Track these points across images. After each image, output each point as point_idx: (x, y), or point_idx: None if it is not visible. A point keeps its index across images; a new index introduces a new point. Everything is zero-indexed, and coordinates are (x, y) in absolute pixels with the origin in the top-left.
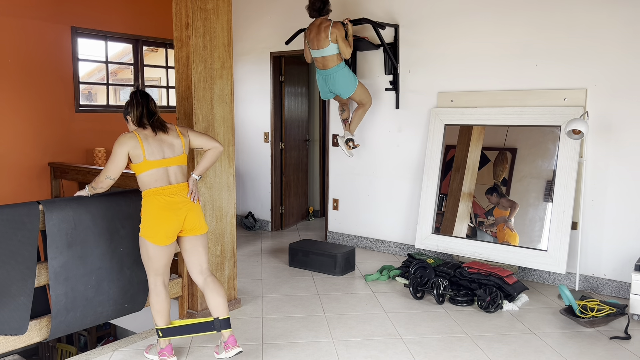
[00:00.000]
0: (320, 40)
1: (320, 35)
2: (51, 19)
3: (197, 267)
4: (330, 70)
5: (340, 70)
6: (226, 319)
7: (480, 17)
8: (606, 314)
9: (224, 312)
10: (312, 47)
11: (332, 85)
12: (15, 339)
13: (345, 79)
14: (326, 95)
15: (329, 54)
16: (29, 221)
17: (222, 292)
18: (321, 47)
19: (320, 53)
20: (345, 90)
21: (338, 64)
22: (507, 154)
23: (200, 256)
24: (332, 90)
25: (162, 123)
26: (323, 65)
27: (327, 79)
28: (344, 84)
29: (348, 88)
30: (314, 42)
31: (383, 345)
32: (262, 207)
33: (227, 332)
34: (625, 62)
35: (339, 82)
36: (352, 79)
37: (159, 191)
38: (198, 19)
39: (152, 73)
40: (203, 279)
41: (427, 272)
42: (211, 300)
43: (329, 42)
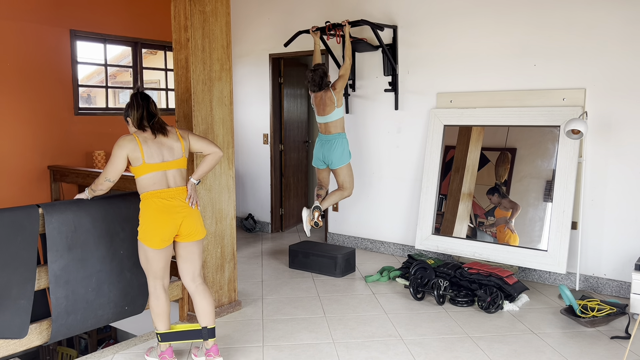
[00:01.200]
0: (325, 108)
1: (325, 104)
2: (50, 22)
3: (189, 274)
4: (331, 137)
5: (340, 139)
6: (212, 329)
7: (478, 17)
8: (607, 313)
9: (211, 321)
10: (317, 114)
11: (327, 151)
12: (15, 342)
13: (342, 148)
14: (317, 163)
15: (333, 119)
16: (28, 224)
17: (211, 300)
18: (327, 114)
19: (324, 119)
20: (337, 160)
21: (340, 132)
22: (507, 154)
23: (194, 263)
24: (325, 157)
25: (162, 125)
26: (325, 131)
27: (324, 144)
28: (340, 153)
29: (341, 159)
30: (319, 109)
31: (384, 347)
32: (262, 208)
33: (212, 341)
34: (624, 61)
35: (336, 150)
36: (347, 151)
37: (156, 194)
38: (197, 21)
39: (151, 75)
40: (195, 286)
41: (428, 273)
42: (199, 308)
43: (335, 108)
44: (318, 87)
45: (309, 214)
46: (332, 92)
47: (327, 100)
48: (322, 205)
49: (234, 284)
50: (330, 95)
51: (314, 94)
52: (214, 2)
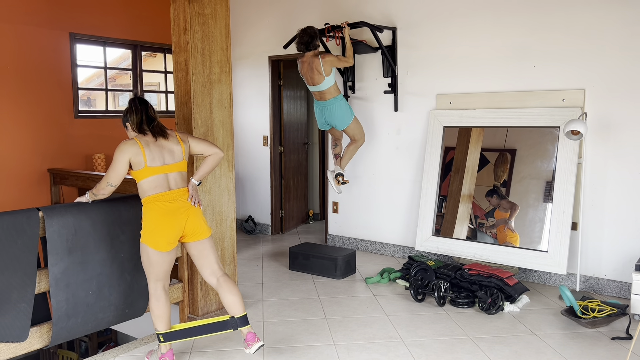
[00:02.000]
0: (313, 78)
1: (313, 73)
2: (49, 26)
3: (208, 269)
4: (328, 102)
5: (337, 102)
6: (243, 317)
7: (478, 18)
8: (607, 314)
9: (240, 310)
10: (307, 83)
11: (328, 116)
12: (16, 345)
13: (342, 111)
14: (323, 126)
15: (324, 88)
16: (29, 228)
17: (236, 290)
18: (316, 83)
19: (316, 88)
20: (341, 122)
21: (335, 96)
22: (507, 155)
23: (209, 259)
24: (328, 121)
25: (162, 129)
26: (320, 97)
27: (323, 110)
28: (340, 115)
29: (344, 120)
30: (308, 79)
31: (384, 348)
32: (262, 210)
33: (246, 329)
34: (623, 62)
35: (336, 113)
36: (348, 111)
37: (158, 197)
38: (196, 24)
39: (150, 78)
40: (216, 280)
41: (428, 275)
42: (226, 300)
43: (324, 77)
44: (305, 47)
45: (333, 178)
46: (320, 61)
47: (315, 70)
48: (342, 163)
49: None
50: (317, 64)
51: (301, 60)
52: (213, 4)
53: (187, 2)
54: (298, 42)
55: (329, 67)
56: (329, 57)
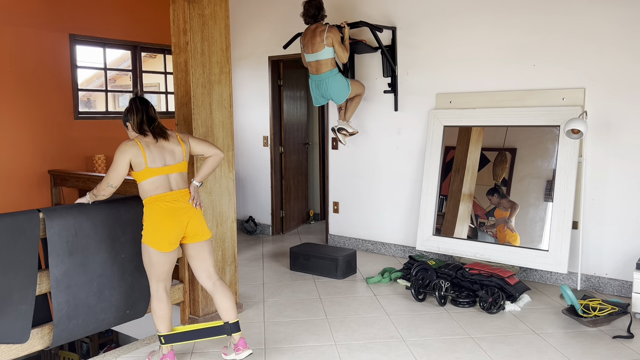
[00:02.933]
0: (315, 44)
1: (315, 39)
2: (49, 27)
3: (204, 272)
4: (323, 75)
5: (332, 76)
6: (236, 323)
7: (477, 18)
8: (608, 313)
9: (233, 316)
10: (306, 51)
11: (324, 91)
12: (17, 347)
13: (338, 84)
14: (318, 102)
15: (323, 57)
16: (29, 229)
17: (231, 295)
18: (315, 51)
19: (314, 57)
20: (338, 96)
21: (331, 69)
22: (507, 154)
23: (206, 262)
24: (325, 95)
25: (162, 129)
26: (316, 70)
27: (319, 84)
28: (337, 90)
29: (341, 94)
30: (309, 46)
31: (386, 348)
32: (263, 211)
33: (238, 335)
34: (623, 61)
35: (332, 88)
36: (344, 84)
37: (160, 198)
38: (196, 25)
39: (150, 79)
40: (212, 284)
41: (429, 274)
42: (220, 305)
43: (324, 46)
44: (313, 19)
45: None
46: (326, 29)
47: (317, 38)
48: (346, 116)
49: (235, 286)
50: (321, 32)
51: (304, 34)
52: (213, 5)
53: (187, 2)
54: (305, 15)
55: (330, 40)
56: (335, 33)
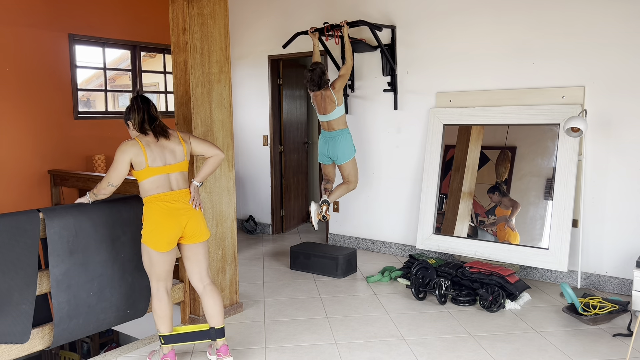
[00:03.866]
0: (326, 107)
1: (326, 103)
2: (48, 27)
3: (197, 274)
4: (335, 133)
5: (344, 134)
6: (221, 329)
7: (477, 16)
8: (609, 311)
9: (219, 321)
10: (318, 112)
11: (332, 147)
12: (17, 347)
13: (346, 144)
14: (322, 159)
15: (335, 117)
16: (29, 229)
17: (220, 300)
18: (327, 112)
19: (326, 118)
20: (342, 155)
21: (343, 128)
22: (508, 152)
23: (200, 264)
24: (331, 153)
25: (163, 129)
26: (328, 127)
27: (328, 141)
28: (344, 148)
29: (345, 154)
30: (320, 108)
31: (386, 347)
32: (263, 210)
33: (221, 341)
34: (623, 59)
35: (340, 145)
36: (352, 147)
37: (160, 197)
38: (195, 24)
39: (150, 78)
40: (202, 287)
41: (429, 273)
42: (208, 309)
43: (336, 106)
44: (317, 87)
45: (317, 207)
46: (332, 91)
47: (327, 99)
48: (330, 198)
49: (236, 286)
50: (329, 94)
51: (313, 93)
52: (212, 4)
53: (186, 2)
54: (309, 84)
55: (339, 92)
56: (337, 83)
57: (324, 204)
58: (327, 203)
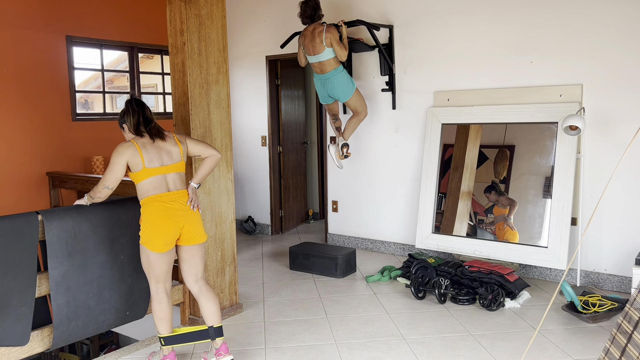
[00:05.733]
0: (315, 46)
1: (315, 41)
2: (45, 29)
3: (192, 276)
4: (329, 74)
5: (338, 74)
6: (220, 327)
7: (474, 15)
8: (608, 309)
9: (217, 320)
10: (307, 53)
11: (330, 89)
12: (17, 349)
13: (343, 82)
14: (325, 100)
15: (325, 58)
16: (28, 231)
17: (216, 300)
18: (317, 53)
19: (316, 58)
20: (343, 94)
21: (336, 67)
22: (506, 151)
23: (196, 266)
24: (331, 94)
25: (159, 130)
26: (321, 70)
27: (325, 83)
28: (342, 87)
29: (346, 92)
30: (309, 48)
31: (386, 347)
32: (262, 211)
33: (220, 340)
34: (620, 57)
35: (337, 85)
36: (349, 82)
37: (157, 198)
38: (192, 25)
39: (148, 80)
40: (198, 288)
41: (428, 272)
42: (205, 309)
43: (324, 47)
44: (310, 19)
45: (336, 149)
46: (324, 30)
47: (317, 39)
48: (345, 135)
49: (235, 286)
50: (320, 32)
51: (303, 35)
52: (210, 5)
53: (183, 3)
54: (302, 16)
55: (329, 40)
56: (333, 32)
57: (345, 146)
58: (347, 145)
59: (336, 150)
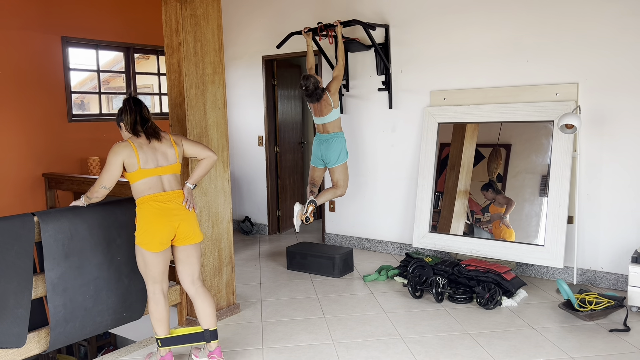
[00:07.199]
0: (322, 110)
1: (322, 106)
2: (41, 30)
3: (189, 277)
4: (329, 136)
5: (338, 137)
6: (215, 330)
7: (470, 14)
8: (605, 306)
9: (212, 323)
10: (314, 115)
11: (325, 150)
12: (14, 351)
13: (340, 147)
14: (316, 162)
15: (330, 120)
16: (24, 233)
17: (212, 302)
18: (324, 115)
19: (322, 120)
20: (335, 159)
21: (338, 131)
22: (501, 150)
23: (193, 266)
24: (324, 156)
25: (155, 130)
26: (323, 130)
27: (322, 143)
28: (337, 151)
29: (339, 157)
30: (317, 111)
31: (384, 346)
32: (259, 211)
33: (215, 343)
34: (616, 55)
35: (334, 148)
36: (345, 150)
37: (153, 198)
38: (188, 25)
39: (144, 80)
40: (194, 289)
41: (426, 271)
42: (201, 311)
43: (332, 109)
44: (317, 99)
45: (301, 208)
46: (328, 95)
47: (324, 103)
48: (318, 200)
49: (232, 287)
50: (326, 98)
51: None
52: (205, 5)
53: (179, 3)
54: (309, 100)
55: (335, 96)
56: (332, 86)
57: (311, 204)
58: (314, 203)
59: (300, 209)
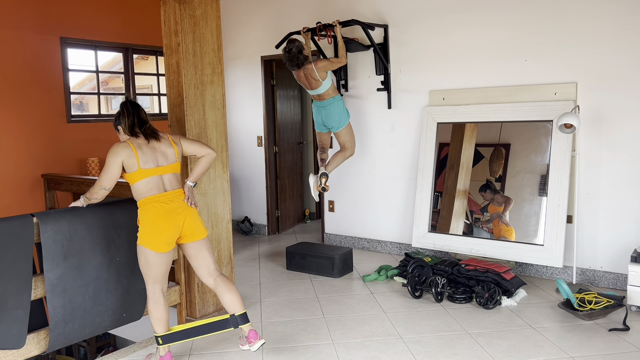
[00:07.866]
0: (311, 83)
1: (309, 80)
2: (39, 30)
3: (205, 269)
4: (326, 102)
5: (335, 102)
6: (244, 314)
7: (469, 14)
8: (604, 306)
9: (239, 308)
10: (305, 88)
11: (325, 117)
12: (13, 352)
13: (339, 111)
14: (319, 127)
15: (322, 91)
16: (23, 234)
17: (234, 288)
18: (314, 88)
19: (314, 92)
20: (337, 123)
21: (333, 96)
22: (501, 149)
23: (206, 259)
24: (325, 122)
25: (153, 131)
26: (319, 98)
27: (321, 110)
28: (337, 116)
29: (340, 121)
30: (306, 85)
31: (383, 346)
32: (258, 211)
33: (247, 327)
34: (614, 55)
35: (333, 113)
36: (345, 112)
37: (155, 199)
38: (187, 26)
39: (143, 81)
40: (213, 280)
41: (425, 271)
42: (225, 299)
43: (320, 82)
44: (297, 66)
45: (315, 179)
46: (314, 68)
47: (310, 77)
48: (328, 169)
49: None
50: (312, 71)
51: (295, 74)
52: (204, 5)
53: (178, 3)
54: (289, 64)
55: (323, 72)
56: (322, 63)
57: (323, 176)
58: (326, 175)
59: (315, 180)
